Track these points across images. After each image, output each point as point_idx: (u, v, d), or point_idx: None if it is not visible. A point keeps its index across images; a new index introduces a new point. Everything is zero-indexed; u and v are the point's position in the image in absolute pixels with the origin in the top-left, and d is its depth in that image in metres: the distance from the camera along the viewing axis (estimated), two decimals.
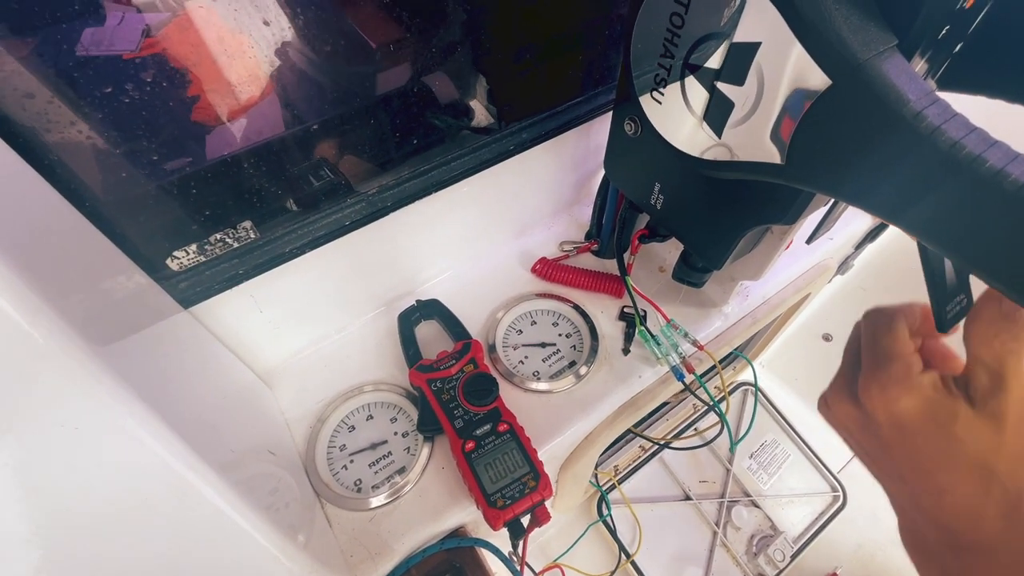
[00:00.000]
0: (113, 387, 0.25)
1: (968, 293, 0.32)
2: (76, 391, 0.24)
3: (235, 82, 0.38)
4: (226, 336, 0.49)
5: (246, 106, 0.41)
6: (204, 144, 0.39)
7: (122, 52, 0.33)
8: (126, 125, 0.34)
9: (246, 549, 0.33)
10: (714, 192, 0.44)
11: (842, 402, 0.34)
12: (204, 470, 0.29)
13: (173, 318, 0.39)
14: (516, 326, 0.62)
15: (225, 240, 0.42)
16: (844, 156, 0.29)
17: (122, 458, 0.26)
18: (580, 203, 0.74)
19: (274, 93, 0.41)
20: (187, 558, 0.32)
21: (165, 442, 0.27)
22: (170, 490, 0.29)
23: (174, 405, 0.30)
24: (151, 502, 0.29)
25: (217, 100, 0.38)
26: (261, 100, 0.41)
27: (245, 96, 0.40)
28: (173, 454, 0.28)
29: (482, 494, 0.45)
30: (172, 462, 0.28)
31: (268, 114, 0.42)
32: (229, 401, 0.42)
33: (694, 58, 0.33)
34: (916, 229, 0.27)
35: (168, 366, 0.33)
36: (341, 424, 0.54)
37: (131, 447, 0.26)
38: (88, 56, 0.32)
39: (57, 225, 0.31)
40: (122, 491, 0.27)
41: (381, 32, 0.43)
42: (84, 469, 0.26)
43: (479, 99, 0.54)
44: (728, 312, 0.62)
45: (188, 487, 0.29)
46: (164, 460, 0.28)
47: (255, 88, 0.39)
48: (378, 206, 0.48)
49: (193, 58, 0.35)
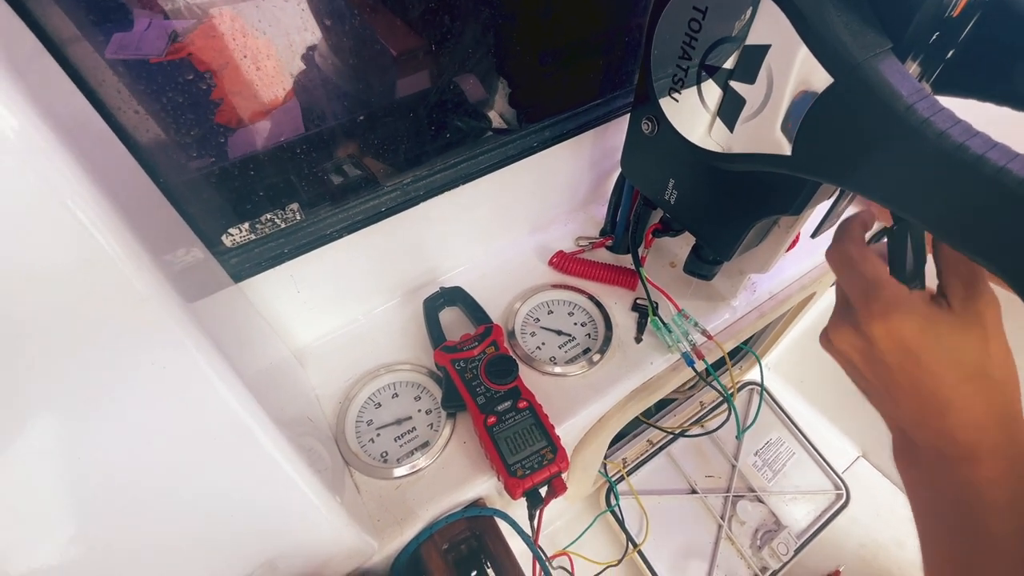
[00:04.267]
0: (199, 338, 0.29)
1: (922, 279, 0.35)
2: (168, 338, 0.28)
3: (260, 86, 0.41)
4: (267, 312, 0.52)
5: (269, 108, 0.43)
6: (252, 141, 0.42)
7: (149, 56, 0.34)
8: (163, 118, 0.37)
9: (293, 497, 0.37)
10: (725, 186, 0.47)
11: (844, 334, 0.35)
12: (265, 421, 0.33)
13: (227, 290, 0.43)
14: (534, 315, 0.65)
15: (274, 220, 0.45)
16: (845, 147, 0.32)
17: (198, 399, 0.30)
18: (596, 202, 0.77)
19: (295, 98, 0.43)
20: (240, 498, 0.35)
21: (235, 391, 0.31)
22: (234, 434, 0.32)
23: (239, 362, 0.33)
24: (217, 443, 0.32)
25: (240, 103, 0.41)
26: (285, 103, 0.43)
27: (269, 99, 0.42)
28: (241, 403, 0.31)
29: (503, 464, 0.49)
30: (239, 410, 0.31)
31: (291, 117, 0.44)
32: (275, 370, 0.46)
33: (710, 59, 0.37)
34: (907, 210, 0.31)
35: (231, 329, 0.37)
36: (368, 401, 0.58)
37: (207, 391, 0.30)
38: (117, 59, 0.34)
39: (144, 194, 0.34)
40: (193, 429, 0.31)
41: (403, 40, 0.46)
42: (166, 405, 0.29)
43: (502, 100, 0.58)
44: (736, 305, 0.65)
45: (249, 434, 0.32)
46: (232, 407, 0.31)
47: (279, 91, 0.42)
48: (411, 195, 0.52)
49: (219, 62, 0.37)
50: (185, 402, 0.29)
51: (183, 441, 0.31)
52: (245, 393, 0.31)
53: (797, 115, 0.33)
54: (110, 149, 0.32)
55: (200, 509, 0.34)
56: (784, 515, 0.96)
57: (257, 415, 0.32)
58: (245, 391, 0.31)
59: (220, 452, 0.32)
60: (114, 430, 0.28)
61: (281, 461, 0.35)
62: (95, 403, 0.27)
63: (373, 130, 0.48)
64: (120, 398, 0.28)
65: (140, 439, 0.29)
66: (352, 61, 0.44)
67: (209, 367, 0.29)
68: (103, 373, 0.27)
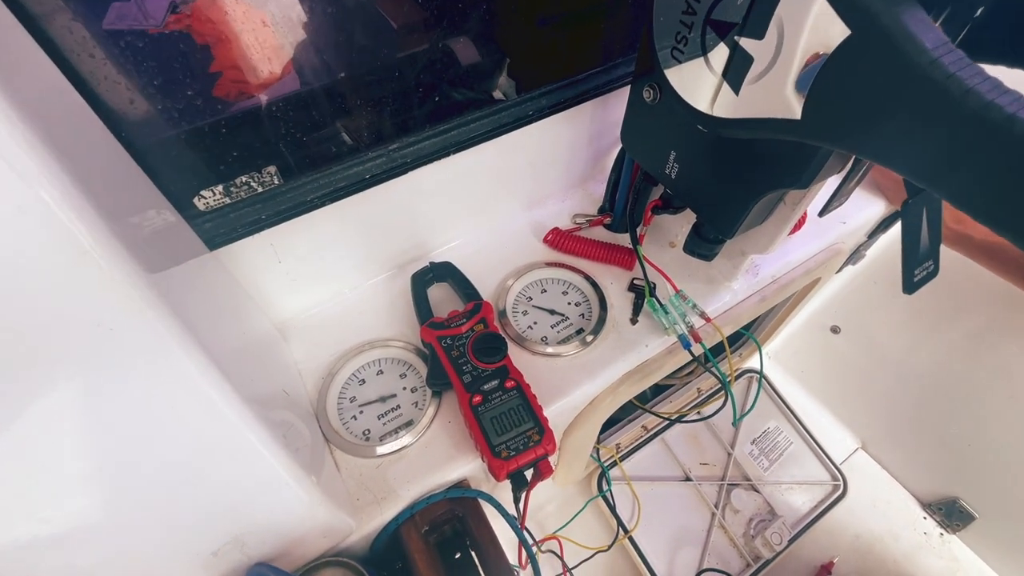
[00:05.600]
0: (162, 312, 0.27)
1: (936, 259, 0.33)
2: (128, 313, 0.26)
3: (256, 58, 0.38)
4: (246, 283, 0.50)
5: (266, 82, 0.41)
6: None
7: (148, 27, 0.33)
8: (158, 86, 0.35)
9: (261, 473, 0.35)
10: (728, 157, 0.44)
11: None
12: (230, 394, 0.31)
13: (201, 258, 0.41)
14: (526, 293, 0.63)
15: (250, 184, 0.43)
16: (861, 107, 0.29)
17: (157, 368, 0.28)
18: (594, 179, 0.74)
19: (293, 71, 0.41)
20: (205, 473, 0.33)
21: (197, 361, 0.29)
22: (199, 407, 0.30)
23: (208, 335, 0.31)
24: (180, 415, 0.30)
25: (237, 76, 0.38)
26: (282, 77, 0.41)
27: (266, 71, 0.40)
28: (204, 375, 0.29)
29: (487, 445, 0.47)
30: (202, 382, 0.29)
31: (288, 91, 0.42)
32: (251, 343, 0.44)
33: (716, 13, 0.34)
34: (928, 180, 0.28)
35: (202, 302, 0.35)
36: (352, 377, 0.56)
37: (167, 360, 0.28)
38: (114, 30, 0.33)
39: (103, 151, 0.32)
40: (153, 399, 0.29)
41: (402, 12, 0.43)
42: (122, 373, 0.27)
43: (498, 68, 0.55)
44: (736, 288, 0.63)
45: (214, 407, 0.30)
46: (194, 378, 0.29)
47: (276, 65, 0.39)
48: (398, 162, 0.49)
49: (217, 34, 0.36)
50: (142, 371, 0.27)
51: (142, 412, 0.29)
52: (208, 364, 0.30)
53: (809, 73, 0.30)
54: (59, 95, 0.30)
55: (161, 482, 0.32)
56: (779, 505, 0.95)
57: (222, 388, 0.30)
58: (209, 362, 0.29)
59: (183, 425, 0.31)
60: (65, 398, 0.26)
61: (248, 435, 0.33)
62: (39, 366, 0.25)
63: (357, 92, 0.45)
64: (69, 363, 0.26)
65: (94, 408, 0.27)
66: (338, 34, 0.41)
67: (169, 335, 0.27)
68: (48, 335, 0.24)
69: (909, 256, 0.32)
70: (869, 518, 1.02)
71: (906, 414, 1.04)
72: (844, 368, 1.10)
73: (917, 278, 0.33)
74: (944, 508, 1.03)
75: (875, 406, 1.09)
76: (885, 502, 1.05)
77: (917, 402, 1.01)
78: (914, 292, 0.33)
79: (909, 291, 0.33)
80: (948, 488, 1.02)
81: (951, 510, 1.02)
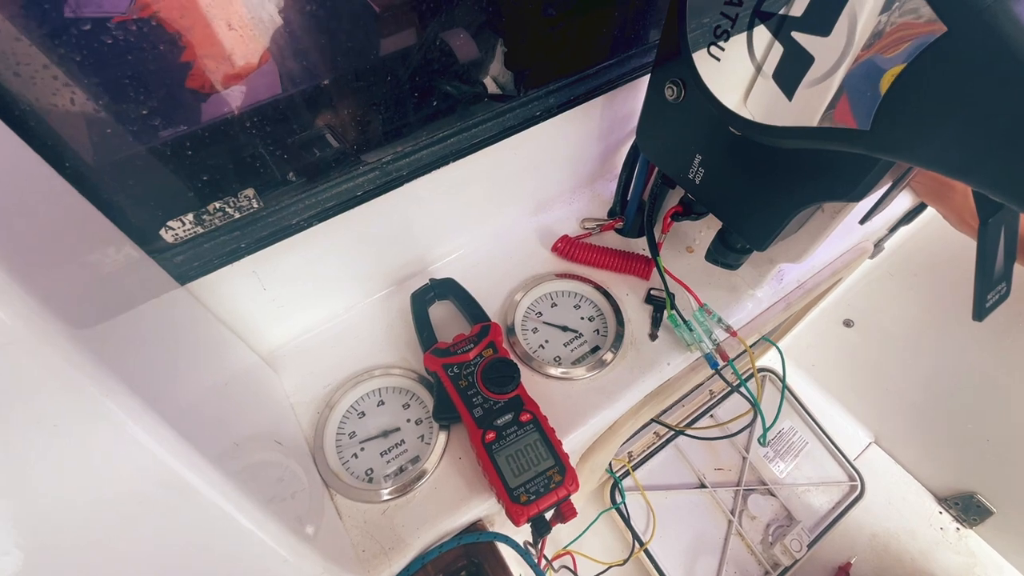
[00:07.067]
0: (96, 374, 0.22)
1: (1009, 281, 0.29)
2: (53, 380, 0.21)
3: (231, 47, 0.34)
4: (227, 315, 0.45)
5: (243, 72, 0.36)
6: (199, 112, 0.35)
7: (112, 14, 0.30)
8: (113, 87, 0.30)
9: (248, 546, 0.30)
10: (766, 165, 0.39)
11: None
12: (199, 462, 0.26)
13: (168, 295, 0.36)
14: (536, 308, 0.58)
15: (225, 210, 0.37)
16: (949, 116, 0.24)
17: (109, 452, 0.23)
18: (603, 178, 0.69)
19: (272, 60, 0.37)
20: (185, 558, 0.29)
21: (154, 433, 0.24)
22: (162, 485, 0.25)
23: (166, 391, 0.26)
24: (143, 499, 0.25)
25: (212, 66, 0.34)
26: (260, 66, 0.37)
27: (242, 62, 0.36)
28: (163, 446, 0.24)
29: (504, 489, 0.42)
30: (162, 455, 0.24)
31: (267, 81, 0.38)
32: (230, 385, 0.39)
33: (768, 4, 0.29)
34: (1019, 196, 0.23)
35: (162, 348, 0.30)
36: (351, 410, 0.51)
37: (118, 440, 0.23)
38: (76, 17, 0.29)
39: (32, 190, 0.27)
40: (111, 489, 0.24)
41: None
42: (67, 467, 0.22)
43: (497, 62, 0.49)
44: (760, 296, 0.58)
45: (181, 482, 0.26)
46: (154, 453, 0.24)
47: (253, 54, 0.35)
48: (392, 175, 0.44)
49: (186, 22, 0.31)
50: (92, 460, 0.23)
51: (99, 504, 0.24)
52: (168, 431, 0.25)
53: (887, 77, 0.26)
54: None
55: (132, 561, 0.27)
56: (797, 509, 0.92)
57: (186, 455, 0.26)
58: (168, 429, 0.25)
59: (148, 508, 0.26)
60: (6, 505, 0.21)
61: (225, 506, 0.28)
62: None
63: (342, 94, 0.39)
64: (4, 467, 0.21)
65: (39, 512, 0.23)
66: (320, 22, 0.35)
67: (116, 408, 0.22)
68: None
69: (983, 281, 0.28)
70: (885, 515, 1.00)
71: (921, 408, 1.01)
72: (857, 361, 1.07)
73: (989, 303, 0.29)
74: (961, 503, 1.01)
75: (889, 400, 1.06)
76: (900, 498, 1.03)
77: (932, 396, 0.98)
78: (985, 318, 0.29)
79: (980, 317, 0.29)
80: (964, 483, 1.00)
81: (968, 505, 1.00)
